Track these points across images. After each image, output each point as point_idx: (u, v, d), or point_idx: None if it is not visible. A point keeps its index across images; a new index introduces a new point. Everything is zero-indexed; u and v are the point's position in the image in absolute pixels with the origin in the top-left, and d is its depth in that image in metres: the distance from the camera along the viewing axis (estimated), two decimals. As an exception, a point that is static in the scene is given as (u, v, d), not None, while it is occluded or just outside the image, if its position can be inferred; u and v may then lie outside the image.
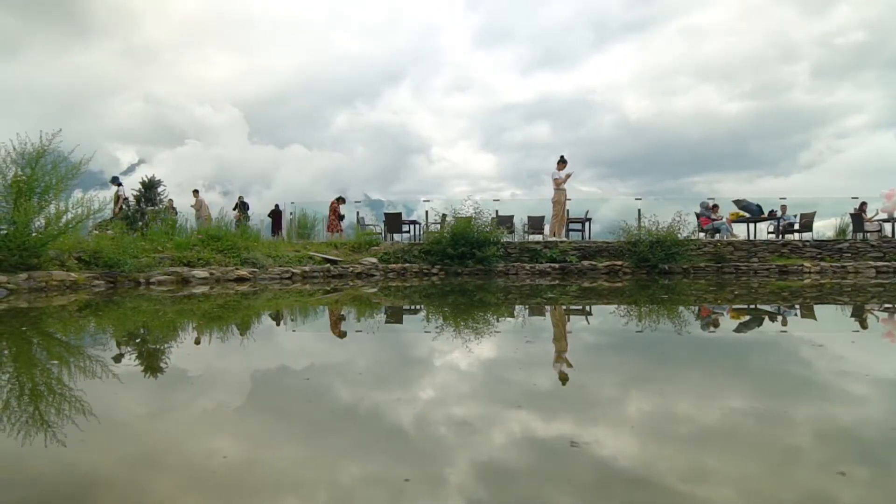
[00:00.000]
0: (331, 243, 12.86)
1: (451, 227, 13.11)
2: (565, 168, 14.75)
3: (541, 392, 3.24)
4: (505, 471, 2.05)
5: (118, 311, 6.88)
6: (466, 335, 5.52)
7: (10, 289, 6.70)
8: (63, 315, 6.33)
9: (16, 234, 6.88)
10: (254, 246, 10.69)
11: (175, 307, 7.28)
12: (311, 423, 2.73)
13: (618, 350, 4.86)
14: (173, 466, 2.15)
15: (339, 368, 4.25)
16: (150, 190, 10.58)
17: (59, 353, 4.35)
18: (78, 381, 3.31)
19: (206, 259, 9.78)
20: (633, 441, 2.29)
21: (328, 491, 1.94)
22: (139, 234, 10.34)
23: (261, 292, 8.97)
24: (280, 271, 10.33)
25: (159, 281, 8.68)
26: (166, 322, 6.20)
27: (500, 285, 11.12)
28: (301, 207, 22.19)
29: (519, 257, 13.42)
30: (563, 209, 14.92)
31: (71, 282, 7.57)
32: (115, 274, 8.23)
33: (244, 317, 6.76)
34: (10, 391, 3.09)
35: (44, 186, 7.43)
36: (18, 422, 2.52)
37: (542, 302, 8.89)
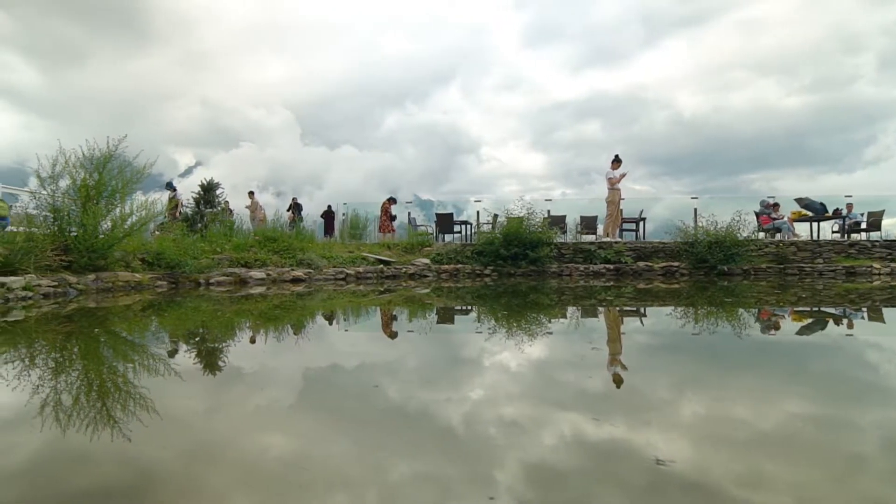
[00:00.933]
0: (383, 244, 12.96)
1: (503, 227, 13.04)
2: (620, 167, 14.50)
3: (593, 393, 3.18)
4: (555, 472, 2.02)
5: (179, 311, 7.08)
6: (518, 336, 5.48)
7: (79, 289, 6.97)
8: (128, 315, 6.54)
9: (85, 237, 7.16)
10: (309, 247, 10.85)
11: (233, 307, 7.44)
12: (361, 422, 2.76)
13: (673, 352, 4.76)
14: (228, 461, 2.20)
15: (390, 368, 4.27)
16: (209, 192, 10.87)
17: (125, 352, 4.49)
18: (142, 379, 3.41)
19: (263, 260, 9.99)
20: (687, 445, 2.24)
21: (378, 490, 1.95)
22: (199, 236, 10.62)
23: (315, 293, 9.11)
24: (334, 272, 10.46)
25: (218, 282, 8.90)
26: (225, 322, 6.34)
27: (553, 286, 11.00)
28: (353, 208, 22.47)
29: (572, 258, 13.24)
30: (617, 209, 14.67)
31: (135, 282, 7.83)
32: (177, 275, 8.48)
33: (299, 317, 6.87)
34: (79, 388, 3.21)
35: (110, 190, 7.72)
36: (87, 417, 2.62)
37: (596, 303, 8.77)
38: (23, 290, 6.07)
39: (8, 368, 3.54)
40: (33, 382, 3.17)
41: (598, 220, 19.14)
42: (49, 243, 6.97)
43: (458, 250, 12.76)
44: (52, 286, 6.58)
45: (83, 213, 7.32)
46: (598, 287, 10.88)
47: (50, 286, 6.54)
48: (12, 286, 5.91)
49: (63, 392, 3.03)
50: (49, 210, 7.38)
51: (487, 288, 11.05)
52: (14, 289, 5.93)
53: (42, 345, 4.50)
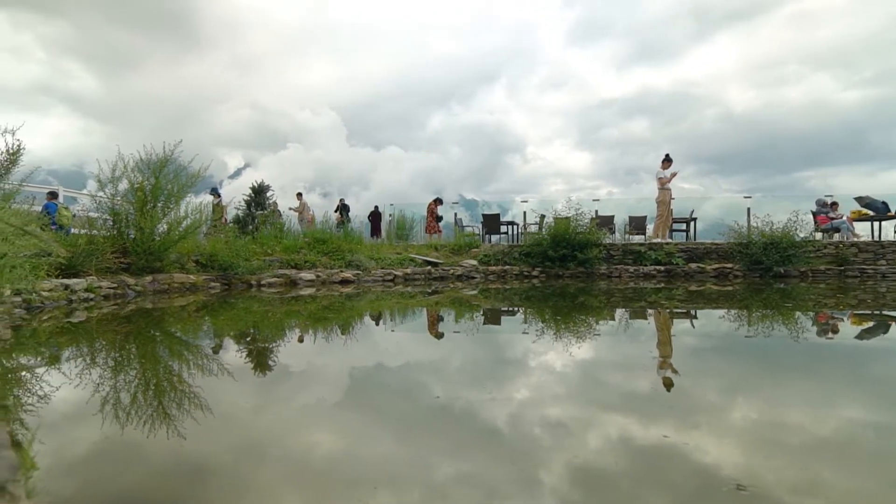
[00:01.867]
0: (431, 245, 12.97)
1: (550, 228, 12.91)
2: (670, 167, 14.19)
3: (641, 396, 3.14)
4: (601, 474, 1.99)
5: (232, 311, 7.22)
6: (566, 338, 5.45)
7: (137, 291, 7.18)
8: (183, 315, 6.71)
9: (142, 240, 7.37)
10: (357, 249, 10.95)
11: (284, 308, 7.58)
12: (407, 421, 2.78)
13: (725, 355, 4.68)
14: (277, 458, 2.25)
15: (437, 368, 4.31)
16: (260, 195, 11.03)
17: (180, 352, 4.64)
18: (196, 378, 3.52)
19: (313, 261, 10.11)
20: (738, 449, 2.20)
21: (422, 488, 1.95)
22: (250, 238, 10.82)
23: (364, 294, 9.18)
24: (382, 273, 10.52)
25: (269, 283, 9.06)
26: (275, 322, 6.47)
27: (602, 288, 10.86)
28: (399, 209, 22.56)
29: (622, 259, 13.01)
30: (667, 209, 14.35)
31: (190, 284, 8.03)
32: (230, 276, 8.66)
33: (348, 318, 6.95)
34: (137, 386, 3.32)
35: (166, 194, 7.92)
36: (144, 415, 2.71)
37: (646, 305, 8.62)
38: (85, 291, 6.28)
39: (71, 367, 3.68)
40: (94, 381, 3.29)
41: (647, 220, 18.80)
42: (109, 246, 7.20)
43: (506, 251, 12.69)
44: (112, 288, 6.79)
45: (140, 216, 7.53)
46: (648, 289, 10.68)
47: (110, 288, 6.75)
48: (75, 288, 6.12)
49: (122, 390, 3.14)
50: (109, 213, 7.62)
51: (535, 289, 10.97)
52: (77, 290, 6.14)
53: (103, 344, 4.64)
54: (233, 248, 9.08)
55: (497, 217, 18.28)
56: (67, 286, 6.06)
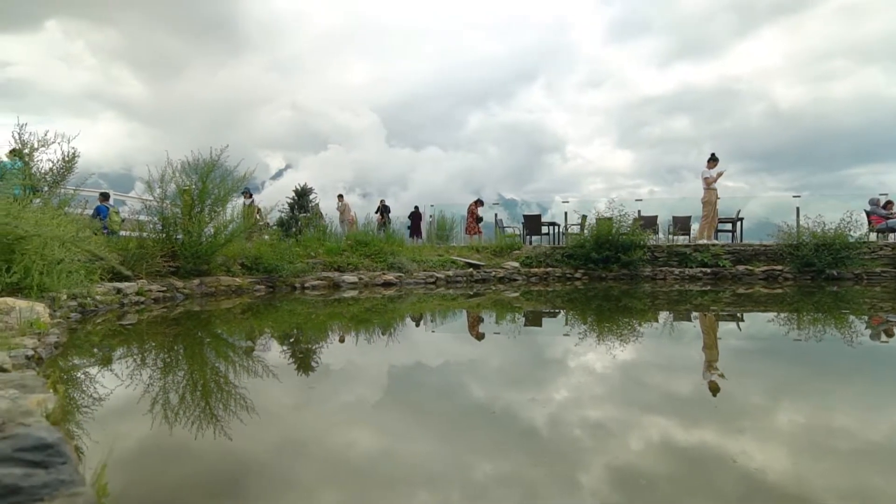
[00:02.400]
0: (472, 247, 12.93)
1: (592, 229, 12.74)
2: (716, 166, 13.88)
3: (684, 398, 3.12)
4: (642, 477, 1.96)
5: (276, 313, 7.34)
6: (609, 340, 5.45)
7: (185, 293, 7.32)
8: (229, 317, 6.84)
9: (190, 243, 7.51)
10: (398, 251, 10.97)
11: (327, 310, 7.68)
12: (447, 421, 2.81)
13: (773, 358, 4.60)
14: (317, 456, 2.32)
15: (477, 368, 4.38)
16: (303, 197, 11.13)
17: (226, 353, 4.76)
18: (241, 378, 3.63)
19: (355, 264, 10.18)
20: (785, 454, 2.15)
21: (461, 488, 1.96)
22: (293, 240, 10.94)
23: (406, 296, 9.24)
24: (424, 276, 10.53)
25: (313, 286, 9.14)
26: (319, 324, 6.59)
27: (646, 290, 10.71)
28: (440, 209, 22.54)
29: (667, 261, 12.72)
30: (713, 210, 14.02)
31: (236, 287, 8.15)
32: (274, 279, 8.77)
33: (390, 319, 7.01)
34: (185, 386, 3.47)
35: (213, 198, 8.06)
36: (192, 415, 2.79)
37: (692, 308, 8.50)
38: (136, 294, 6.43)
39: (124, 368, 3.78)
40: (146, 381, 3.40)
41: (691, 220, 18.42)
42: (158, 250, 7.35)
43: (548, 253, 12.56)
44: (161, 291, 6.94)
45: (188, 220, 7.68)
46: (694, 291, 10.49)
47: (159, 291, 6.90)
48: (127, 291, 6.27)
49: (171, 391, 3.24)
50: (158, 218, 7.79)
51: (578, 292, 10.87)
52: (128, 294, 6.29)
53: (153, 346, 4.75)
54: (277, 251, 9.19)
55: (538, 218, 18.14)
56: (119, 290, 6.21)
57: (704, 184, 13.83)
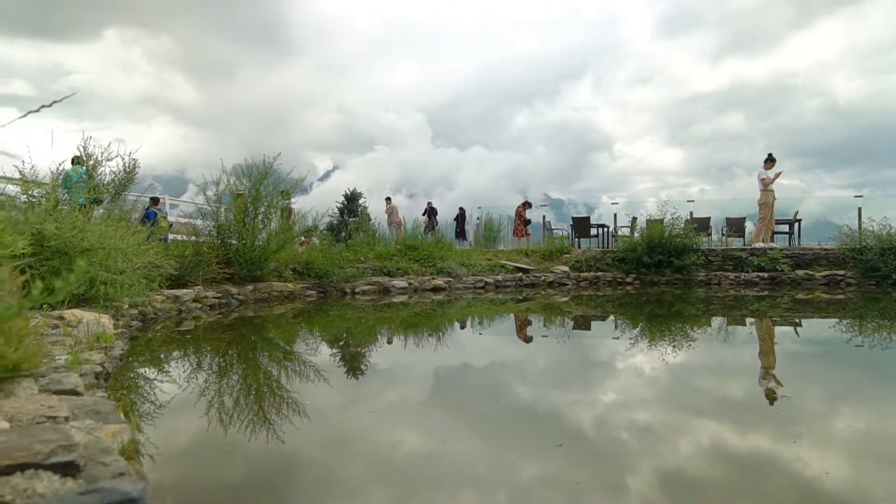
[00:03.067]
0: (521, 251, 12.83)
1: (644, 232, 12.49)
2: (774, 167, 13.45)
3: (739, 404, 3.12)
4: (691, 482, 1.93)
5: (329, 319, 7.43)
6: (661, 346, 5.41)
7: (239, 300, 7.45)
8: (281, 322, 6.96)
9: (244, 250, 7.65)
10: (447, 255, 10.96)
11: (377, 314, 7.76)
12: (495, 422, 2.85)
13: (832, 364, 4.52)
14: (364, 456, 2.39)
15: (526, 371, 4.47)
16: (352, 202, 11.20)
17: (278, 357, 4.91)
18: (294, 381, 3.79)
19: (405, 269, 10.20)
20: (842, 462, 2.09)
21: (506, 489, 1.97)
22: (343, 245, 11.04)
23: (455, 301, 9.26)
24: (473, 281, 10.49)
25: (363, 291, 9.20)
26: (368, 328, 6.70)
27: (700, 296, 10.47)
28: (487, 211, 22.52)
29: (721, 265, 12.32)
30: (770, 211, 13.56)
31: (288, 292, 8.27)
32: (325, 284, 8.85)
33: (439, 323, 7.06)
34: (240, 389, 3.65)
35: (266, 205, 8.20)
36: (246, 417, 2.91)
37: (748, 313, 8.36)
38: (193, 301, 6.57)
39: (180, 372, 3.93)
40: (200, 385, 3.54)
41: (745, 221, 17.91)
42: (214, 256, 7.50)
43: (598, 257, 12.36)
44: (217, 297, 7.08)
45: (242, 227, 7.82)
46: (750, 297, 10.21)
47: (215, 297, 7.04)
48: (184, 299, 6.42)
49: (227, 394, 3.38)
50: (213, 225, 7.94)
51: (629, 297, 10.71)
52: (185, 301, 6.44)
53: (210, 354, 4.89)
54: (327, 256, 9.27)
55: (587, 220, 17.92)
56: (177, 297, 6.35)
57: (761, 185, 13.42)
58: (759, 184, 13.52)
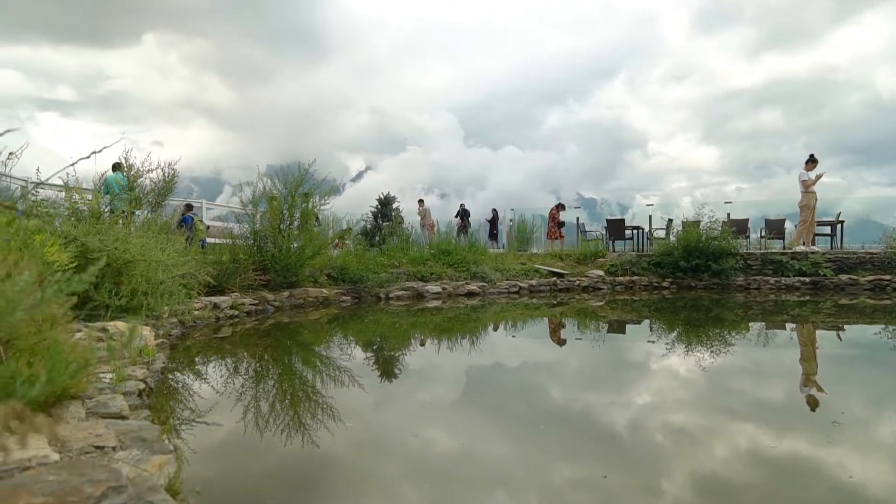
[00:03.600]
0: (555, 254, 12.72)
1: (680, 235, 12.26)
2: (815, 168, 13.10)
3: (775, 406, 3.03)
4: (726, 486, 1.90)
5: (361, 324, 7.53)
6: (697, 350, 5.43)
7: (275, 306, 7.52)
8: (318, 328, 7.04)
9: (280, 257, 7.72)
10: (481, 259, 10.92)
11: (411, 319, 7.84)
12: (531, 425, 2.89)
13: (876, 369, 4.48)
14: (398, 457, 2.52)
15: (557, 373, 4.53)
16: (386, 206, 11.19)
17: (318, 365, 5.02)
18: (328, 388, 3.92)
19: (438, 273, 10.19)
20: (886, 467, 2.06)
21: (538, 490, 1.98)
22: (377, 250, 11.07)
23: (489, 306, 9.25)
24: (507, 285, 10.44)
25: (397, 296, 9.21)
26: (401, 333, 6.82)
27: (739, 301, 10.29)
28: (520, 213, 22.49)
29: (761, 270, 11.98)
30: (812, 214, 13.20)
31: (323, 298, 8.32)
32: (360, 289, 8.88)
33: (474, 328, 7.14)
34: (276, 394, 3.83)
35: (301, 213, 8.27)
36: (282, 421, 3.05)
37: (789, 318, 8.26)
38: (230, 309, 6.65)
39: (220, 385, 3.98)
40: (242, 400, 3.58)
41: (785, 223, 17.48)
42: (250, 263, 7.58)
43: (634, 261, 12.17)
44: (254, 304, 7.15)
45: (277, 234, 7.89)
46: (791, 302, 9.99)
47: (252, 304, 7.11)
48: (222, 306, 6.51)
49: (267, 408, 3.43)
50: (249, 232, 8.03)
51: (666, 301, 10.59)
52: (223, 308, 6.52)
53: (246, 360, 5.02)
54: (362, 262, 9.31)
55: (622, 222, 17.71)
56: (215, 304, 6.44)
57: (802, 186, 13.08)
58: (799, 185, 13.18)
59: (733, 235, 12.65)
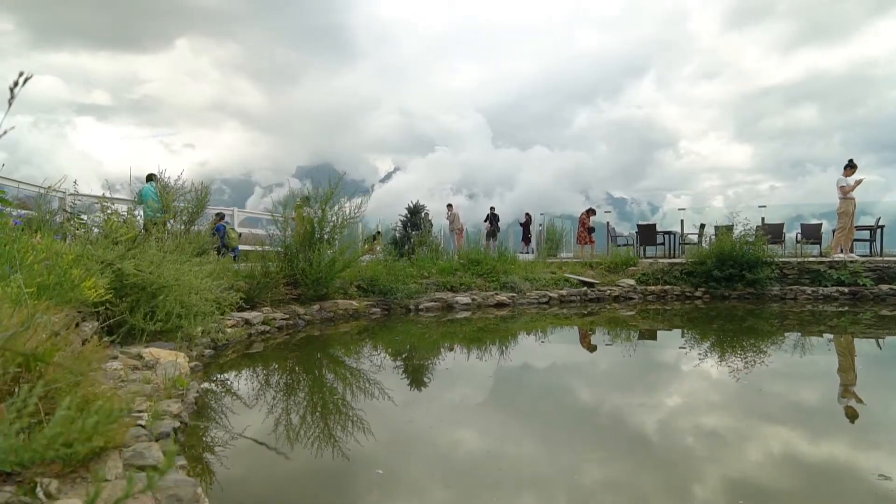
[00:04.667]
0: (585, 263, 12.59)
1: (713, 243, 12.01)
2: (854, 174, 12.78)
3: (810, 410, 2.99)
4: (760, 490, 1.87)
5: (390, 335, 7.67)
6: (731, 360, 5.51)
7: (306, 320, 7.57)
8: (346, 340, 7.16)
9: (311, 271, 7.76)
10: (511, 269, 10.85)
11: (441, 329, 7.97)
12: (556, 425, 2.90)
13: None
14: (431, 460, 2.45)
15: (587, 377, 4.53)
16: (416, 215, 11.14)
17: (344, 375, 5.31)
18: (359, 401, 4.18)
19: (468, 284, 10.15)
20: None
21: (567, 492, 1.99)
22: (407, 259, 11.07)
23: (519, 317, 9.26)
24: (537, 295, 10.36)
25: (427, 307, 9.20)
26: (431, 342, 7.06)
27: (774, 311, 10.13)
28: (549, 218, 22.62)
29: (797, 279, 11.64)
30: (850, 220, 12.87)
31: (353, 310, 8.34)
32: (389, 301, 8.89)
33: (505, 338, 7.29)
34: (305, 407, 4.09)
35: (331, 226, 8.31)
36: (312, 435, 3.21)
37: (826, 329, 8.26)
38: (262, 324, 6.71)
39: (251, 404, 4.09)
40: (269, 402, 3.90)
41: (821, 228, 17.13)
42: (281, 278, 7.64)
43: (666, 270, 11.97)
44: (285, 319, 7.20)
45: (308, 248, 7.93)
46: (828, 312, 9.79)
47: (283, 319, 7.16)
48: (253, 322, 6.56)
49: (293, 412, 3.83)
50: (281, 246, 8.09)
51: (698, 311, 10.47)
52: (255, 324, 6.58)
53: (280, 382, 5.10)
54: (391, 272, 9.32)
55: (653, 228, 17.56)
56: (247, 321, 6.49)
57: (840, 193, 12.77)
58: (837, 191, 12.88)
59: (768, 241, 12.39)
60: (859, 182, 12.70)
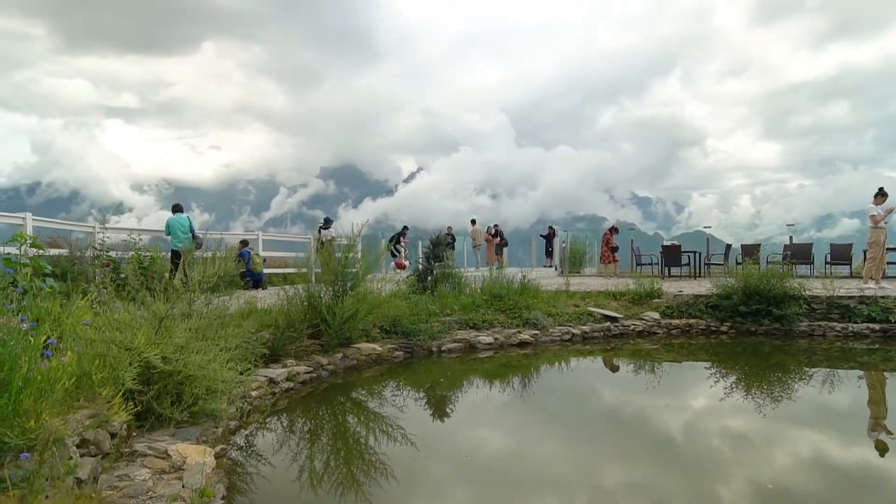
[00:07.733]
0: (609, 294, 12.45)
1: (739, 275, 11.78)
2: (885, 202, 12.47)
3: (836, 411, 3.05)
4: (788, 494, 1.87)
5: (414, 376, 8.10)
6: (755, 396, 5.91)
7: (329, 370, 7.59)
8: (373, 390, 7.39)
9: (334, 321, 7.78)
10: (533, 304, 10.79)
11: (463, 367, 8.51)
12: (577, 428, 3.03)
13: None
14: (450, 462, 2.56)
15: (606, 396, 4.65)
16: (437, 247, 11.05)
17: (367, 422, 5.91)
18: (381, 445, 4.78)
19: (490, 321, 10.09)
20: None
21: (588, 493, 2.02)
22: (429, 294, 11.07)
23: (541, 354, 9.51)
24: (560, 332, 10.27)
25: (449, 349, 9.15)
26: (455, 379, 7.72)
27: (801, 347, 10.02)
28: (572, 234, 22.69)
29: (826, 314, 11.30)
30: (881, 251, 12.54)
31: (376, 355, 8.34)
32: (412, 343, 8.87)
33: (528, 380, 7.29)
34: (329, 454, 4.68)
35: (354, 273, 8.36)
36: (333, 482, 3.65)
37: (856, 366, 8.55)
38: (286, 381, 6.73)
39: (279, 471, 4.38)
40: (292, 449, 4.47)
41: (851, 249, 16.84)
42: (305, 328, 7.68)
43: (690, 303, 11.80)
44: (308, 372, 7.21)
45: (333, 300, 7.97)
46: (858, 350, 9.65)
47: (306, 372, 7.18)
48: (277, 380, 6.58)
49: (316, 459, 4.35)
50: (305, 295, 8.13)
51: (723, 346, 10.42)
52: (279, 382, 6.61)
53: (306, 426, 5.71)
54: (414, 311, 9.31)
55: (678, 249, 17.47)
56: (271, 379, 6.51)
57: (871, 222, 12.47)
58: (868, 220, 12.60)
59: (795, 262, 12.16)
60: (891, 211, 12.40)
